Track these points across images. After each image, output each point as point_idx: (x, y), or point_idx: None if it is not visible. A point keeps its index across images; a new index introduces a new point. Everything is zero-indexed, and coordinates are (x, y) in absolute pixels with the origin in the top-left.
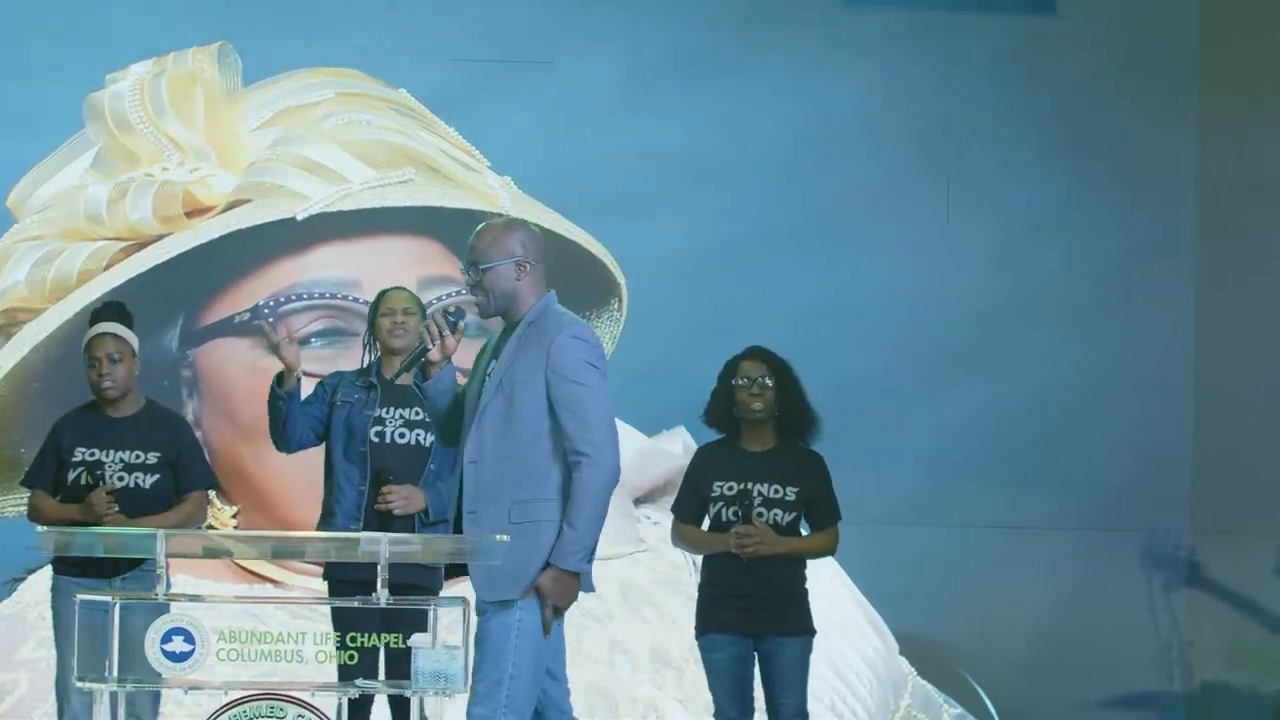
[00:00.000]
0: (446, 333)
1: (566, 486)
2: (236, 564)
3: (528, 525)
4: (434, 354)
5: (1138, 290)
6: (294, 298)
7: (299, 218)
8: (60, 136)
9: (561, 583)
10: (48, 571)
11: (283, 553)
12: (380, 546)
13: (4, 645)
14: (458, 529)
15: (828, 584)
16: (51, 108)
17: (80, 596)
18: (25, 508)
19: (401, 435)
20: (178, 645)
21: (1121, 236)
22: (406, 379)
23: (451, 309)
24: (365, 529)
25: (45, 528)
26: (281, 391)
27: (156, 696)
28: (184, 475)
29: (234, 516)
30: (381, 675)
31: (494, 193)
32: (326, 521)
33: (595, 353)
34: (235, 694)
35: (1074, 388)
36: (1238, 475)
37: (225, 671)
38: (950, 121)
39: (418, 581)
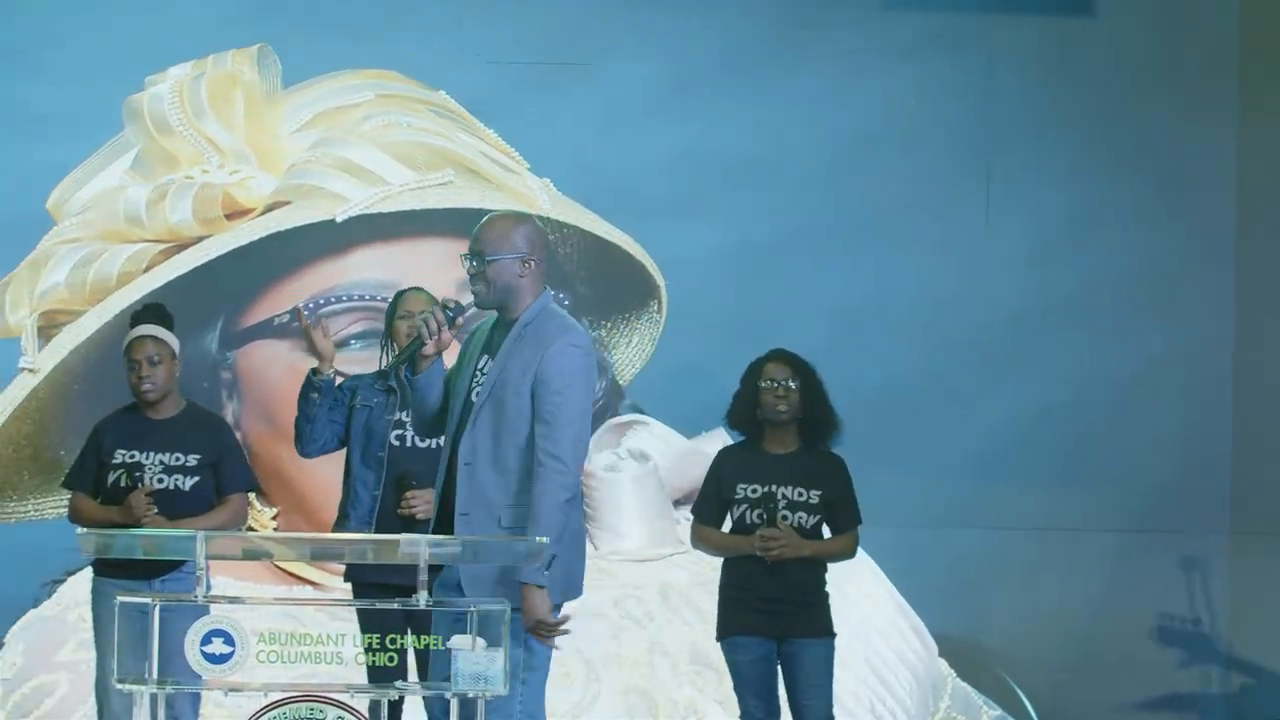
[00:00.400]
0: (444, 327)
1: None
2: (276, 566)
3: (518, 532)
4: (429, 348)
5: (1175, 290)
6: (333, 300)
7: (338, 220)
8: (100, 139)
9: (535, 596)
10: (88, 573)
11: (322, 554)
12: (420, 548)
13: (44, 647)
14: (445, 530)
15: (867, 586)
16: (91, 110)
17: (120, 598)
18: (65, 509)
19: (423, 439)
20: (218, 647)
21: (1159, 236)
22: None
23: (451, 303)
24: (379, 534)
25: (85, 529)
26: (317, 381)
27: (196, 698)
28: (224, 477)
29: (274, 518)
30: (411, 677)
31: (533, 194)
32: (341, 525)
33: (588, 362)
34: (275, 695)
35: (1112, 388)
36: (1277, 476)
37: (265, 673)
38: (987, 122)
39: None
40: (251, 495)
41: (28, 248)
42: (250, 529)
